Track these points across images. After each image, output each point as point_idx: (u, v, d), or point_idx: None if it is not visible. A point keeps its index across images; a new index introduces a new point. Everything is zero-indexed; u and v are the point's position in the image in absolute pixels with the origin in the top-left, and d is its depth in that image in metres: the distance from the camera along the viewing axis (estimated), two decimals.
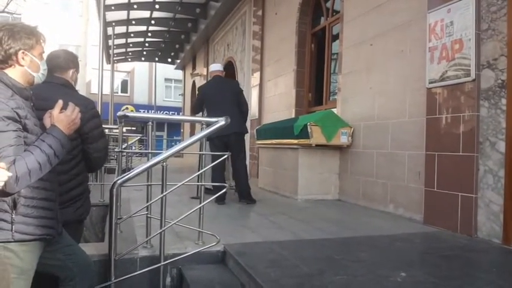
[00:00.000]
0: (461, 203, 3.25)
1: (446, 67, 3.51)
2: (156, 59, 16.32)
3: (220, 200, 4.45)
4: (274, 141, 5.69)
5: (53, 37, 21.80)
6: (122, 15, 10.33)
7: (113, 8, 9.49)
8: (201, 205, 2.61)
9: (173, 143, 22.51)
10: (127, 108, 24.03)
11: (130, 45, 13.39)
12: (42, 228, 1.58)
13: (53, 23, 21.60)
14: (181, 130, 17.63)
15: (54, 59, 2.18)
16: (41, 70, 1.67)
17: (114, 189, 2.26)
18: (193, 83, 14.59)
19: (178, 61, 15.84)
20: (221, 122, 2.58)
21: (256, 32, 8.27)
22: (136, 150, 4.98)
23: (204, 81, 12.52)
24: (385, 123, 4.39)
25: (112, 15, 10.16)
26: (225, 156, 2.74)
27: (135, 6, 9.72)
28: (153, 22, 11.08)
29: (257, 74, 8.09)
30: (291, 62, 6.72)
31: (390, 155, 4.29)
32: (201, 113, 5.15)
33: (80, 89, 22.76)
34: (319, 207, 4.54)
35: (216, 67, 5.09)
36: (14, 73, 1.58)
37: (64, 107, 1.65)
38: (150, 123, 2.58)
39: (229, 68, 10.14)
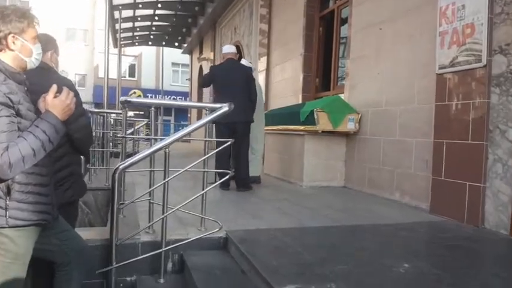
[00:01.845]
0: (468, 192, 3.19)
1: (456, 52, 3.40)
2: (163, 43, 16.21)
3: (225, 186, 4.44)
4: (280, 127, 5.64)
5: (60, 21, 21.79)
6: None
7: None
8: (203, 191, 2.59)
9: (180, 128, 22.55)
10: (134, 92, 24.08)
11: (137, 29, 13.30)
12: (38, 213, 1.58)
13: (60, 7, 21.49)
14: (189, 115, 17.62)
15: None
16: (34, 55, 1.63)
17: (116, 175, 2.25)
18: (200, 68, 14.50)
19: (185, 45, 15.72)
20: (225, 108, 2.53)
21: (264, 15, 8.12)
22: (140, 136, 4.96)
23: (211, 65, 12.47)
24: (394, 109, 4.30)
25: None
26: (229, 142, 2.71)
27: None
28: (159, 6, 10.96)
29: (264, 59, 7.98)
30: (298, 46, 6.60)
31: (398, 142, 4.22)
32: (208, 93, 5.05)
33: (87, 73, 22.87)
34: (325, 194, 4.51)
35: (229, 49, 4.89)
36: (5, 57, 1.54)
37: (42, 90, 1.60)
38: (153, 108, 2.54)
39: (236, 52, 10.00)
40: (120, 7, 10.49)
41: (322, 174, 5.00)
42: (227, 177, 2.86)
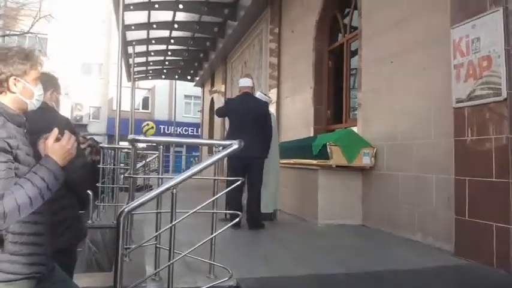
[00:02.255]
0: (496, 234, 2.97)
1: (473, 86, 3.29)
2: (176, 76, 16.53)
3: (235, 225, 4.26)
4: (292, 160, 5.51)
5: (76, 56, 22.52)
6: (142, 34, 10.50)
7: (133, 27, 9.65)
8: (212, 235, 2.45)
9: (192, 159, 22.59)
10: (147, 124, 24.30)
11: (151, 63, 13.60)
12: (31, 266, 1.46)
13: (77, 41, 22.26)
14: (200, 147, 17.66)
15: None
16: (36, 96, 1.57)
17: (122, 218, 2.14)
18: (212, 100, 14.65)
19: (197, 78, 15.98)
20: (234, 145, 2.44)
21: (273, 49, 8.21)
22: (147, 176, 4.84)
23: (222, 98, 12.57)
24: (409, 143, 4.16)
25: (132, 35, 10.33)
26: (239, 182, 2.59)
27: (154, 26, 9.87)
28: (172, 41, 11.22)
29: (274, 91, 7.98)
30: (308, 79, 6.59)
31: (416, 178, 4.04)
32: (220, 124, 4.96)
33: (102, 106, 23.29)
34: (341, 234, 4.30)
35: (246, 82, 4.76)
36: (5, 99, 1.49)
37: (43, 131, 1.53)
38: (161, 147, 2.47)
39: (253, 85, 10.08)
40: (134, 42, 10.76)
41: (338, 211, 4.80)
42: (237, 219, 2.70)
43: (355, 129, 5.18)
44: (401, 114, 4.32)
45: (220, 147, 2.48)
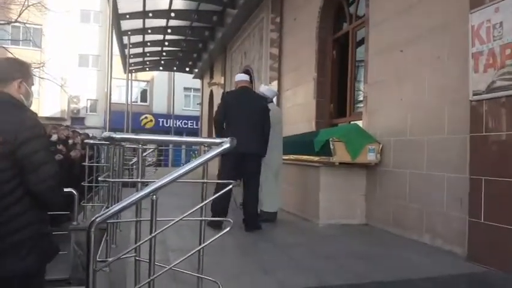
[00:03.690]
0: None
1: (494, 76, 2.97)
2: (174, 68, 16.12)
3: (216, 226, 3.71)
4: (292, 156, 5.21)
5: (73, 47, 22.11)
6: (137, 24, 10.11)
7: (127, 16, 9.28)
8: (200, 246, 2.15)
9: (191, 153, 22.28)
10: (146, 117, 24.03)
11: (148, 54, 13.21)
12: None
13: (73, 33, 21.82)
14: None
15: None
16: None
17: (92, 230, 1.83)
18: (211, 92, 14.30)
19: (196, 70, 15.60)
20: (225, 144, 2.13)
21: (274, 39, 7.85)
22: (124, 179, 4.43)
23: (221, 91, 12.19)
24: (420, 139, 3.85)
25: (127, 24, 9.94)
26: (230, 186, 2.28)
27: (150, 15, 9.48)
28: (169, 31, 10.83)
29: (275, 83, 7.64)
30: (310, 70, 6.24)
31: (426, 177, 3.74)
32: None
33: (99, 98, 22.91)
34: (345, 236, 4.01)
35: (243, 77, 4.62)
36: None
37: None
38: (141, 146, 2.16)
39: (250, 80, 9.74)
40: (129, 32, 10.39)
41: (340, 210, 4.51)
42: (226, 230, 2.26)
43: (359, 123, 4.86)
44: (411, 108, 4.00)
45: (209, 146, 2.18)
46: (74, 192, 3.98)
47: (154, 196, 1.96)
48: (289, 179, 5.34)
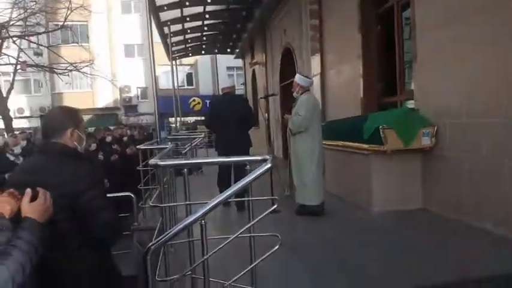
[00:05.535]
0: None
1: None
2: (216, 50, 16.18)
3: (241, 208, 4.38)
4: (340, 142, 5.07)
5: (118, 38, 22.87)
6: (175, 13, 10.18)
7: (165, 8, 9.34)
8: (253, 265, 2.18)
9: None
10: (194, 100, 24.54)
11: (189, 40, 13.32)
12: None
13: (117, 25, 22.49)
14: None
15: (48, 122, 1.84)
16: None
17: (148, 257, 1.91)
18: (253, 72, 14.20)
19: (237, 50, 15.51)
20: (268, 165, 2.12)
21: (314, 14, 7.49)
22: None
23: (263, 70, 12.14)
24: (477, 123, 3.57)
25: (166, 15, 10.05)
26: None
27: (187, 3, 9.48)
28: (207, 16, 10.79)
29: (317, 60, 7.35)
30: (355, 47, 5.92)
31: (485, 163, 3.49)
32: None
33: (148, 85, 23.65)
34: (401, 225, 3.88)
35: (226, 83, 5.70)
36: None
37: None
38: (186, 170, 2.20)
39: (288, 55, 9.52)
40: (169, 23, 10.49)
41: (395, 196, 4.34)
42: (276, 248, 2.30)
43: (411, 103, 4.58)
44: (467, 88, 3.70)
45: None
46: (132, 195, 4.20)
47: (203, 221, 2.01)
48: (337, 164, 5.24)
